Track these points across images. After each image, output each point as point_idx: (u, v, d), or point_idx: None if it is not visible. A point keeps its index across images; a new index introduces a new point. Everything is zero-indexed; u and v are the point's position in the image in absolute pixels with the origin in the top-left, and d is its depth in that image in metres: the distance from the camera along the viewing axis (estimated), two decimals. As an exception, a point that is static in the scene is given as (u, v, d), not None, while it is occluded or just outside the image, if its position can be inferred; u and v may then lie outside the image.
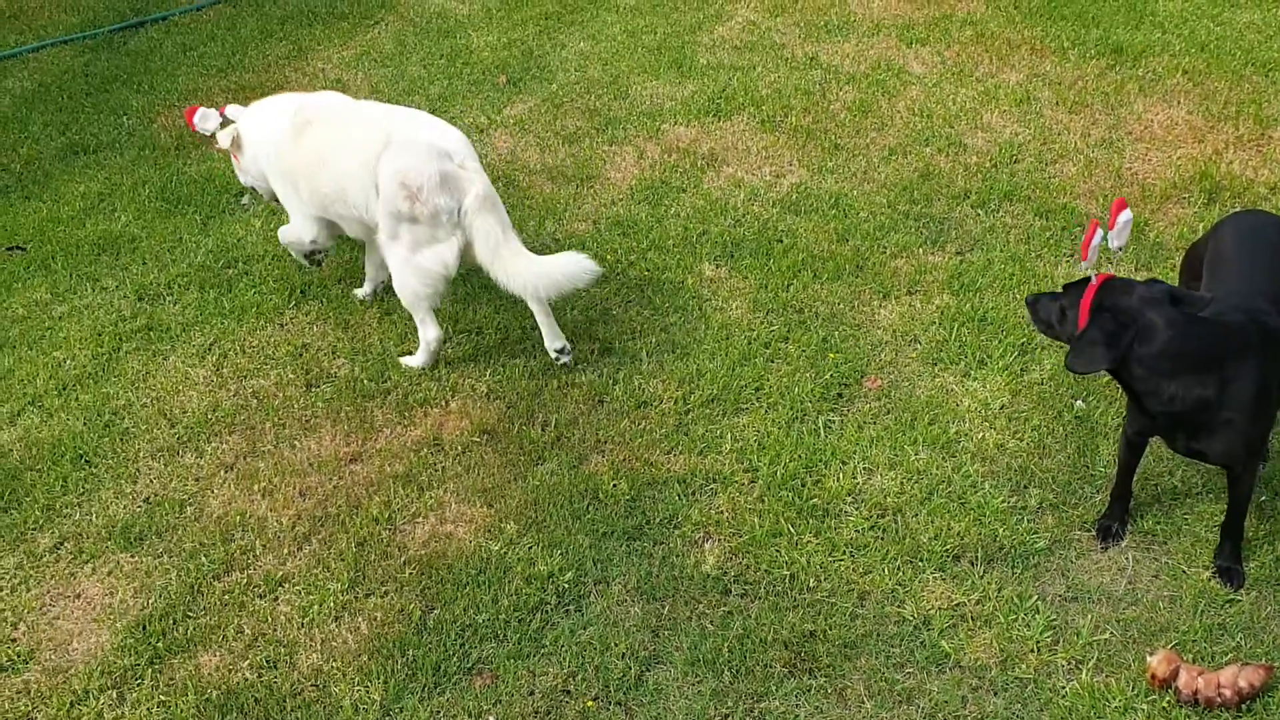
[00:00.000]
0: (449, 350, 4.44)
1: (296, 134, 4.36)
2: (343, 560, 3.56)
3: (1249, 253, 3.36)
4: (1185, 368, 3.02)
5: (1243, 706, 2.91)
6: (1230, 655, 3.06)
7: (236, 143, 4.62)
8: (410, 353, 4.39)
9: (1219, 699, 2.91)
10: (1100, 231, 3.24)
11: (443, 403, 4.19)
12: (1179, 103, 5.85)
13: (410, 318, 4.36)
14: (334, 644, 3.30)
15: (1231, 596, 3.24)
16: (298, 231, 4.60)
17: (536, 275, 4.08)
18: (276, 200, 4.71)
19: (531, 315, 4.35)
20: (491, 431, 4.03)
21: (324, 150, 4.28)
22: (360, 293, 4.78)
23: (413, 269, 4.17)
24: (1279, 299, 3.19)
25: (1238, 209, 4.90)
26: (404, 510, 3.74)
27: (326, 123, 4.35)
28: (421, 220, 4.06)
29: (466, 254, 4.18)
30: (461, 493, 3.79)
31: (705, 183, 5.50)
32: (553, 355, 4.31)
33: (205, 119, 4.69)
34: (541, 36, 7.22)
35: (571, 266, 4.08)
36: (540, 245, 5.08)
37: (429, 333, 4.29)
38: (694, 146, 5.79)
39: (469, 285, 4.80)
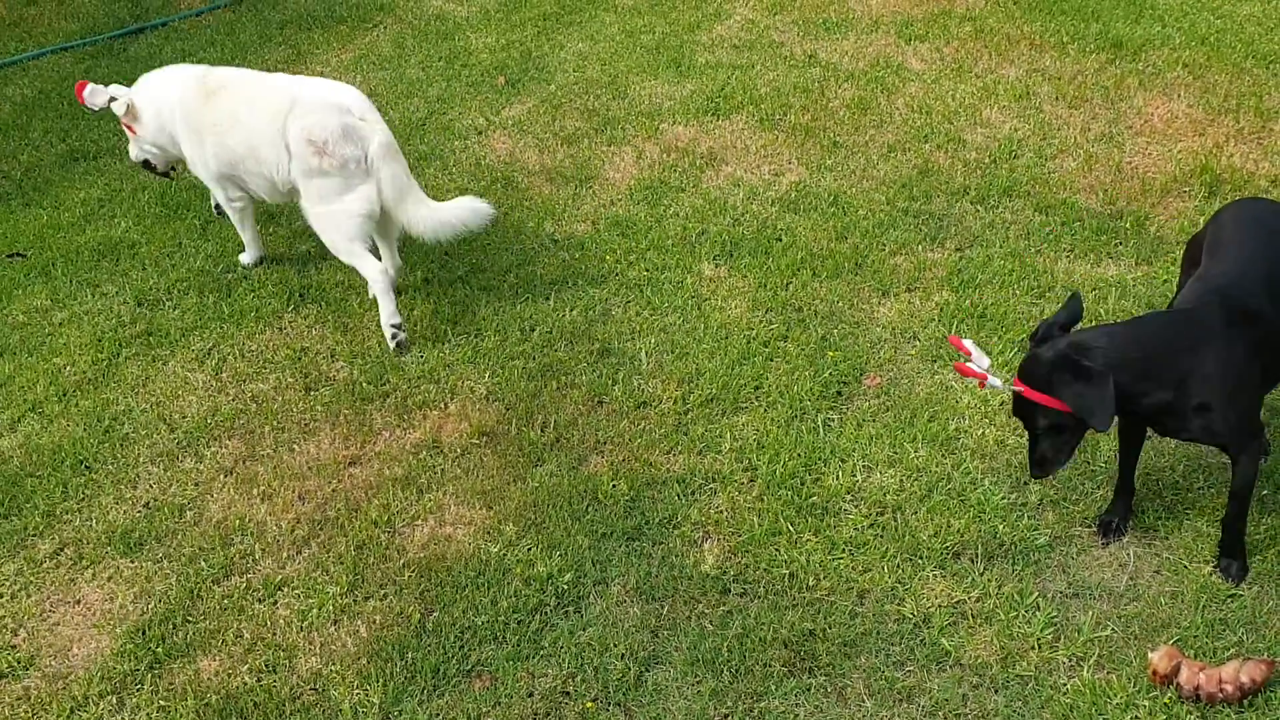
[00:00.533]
0: (447, 352, 4.44)
1: (207, 97, 4.59)
2: (342, 564, 3.56)
3: (1247, 237, 3.34)
4: (1142, 369, 3.02)
5: (1245, 702, 2.89)
6: (1232, 650, 3.04)
7: (132, 112, 4.80)
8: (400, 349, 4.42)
9: (1221, 694, 2.89)
10: (971, 363, 3.22)
11: (441, 405, 4.18)
12: (1179, 96, 5.83)
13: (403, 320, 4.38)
14: (333, 647, 3.30)
15: (1233, 591, 3.22)
16: (215, 192, 4.92)
17: (437, 222, 4.41)
18: (173, 169, 5.10)
19: (530, 316, 4.34)
20: (490, 433, 4.03)
21: (237, 110, 4.52)
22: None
23: (337, 216, 4.39)
24: (1273, 284, 3.18)
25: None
26: (403, 513, 3.74)
27: (238, 87, 4.60)
28: (333, 172, 4.30)
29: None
30: (461, 495, 3.78)
31: (704, 182, 5.49)
32: (388, 333, 4.48)
33: (94, 94, 4.81)
34: (540, 37, 7.23)
35: (465, 211, 4.43)
36: (540, 246, 5.08)
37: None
38: (693, 146, 5.78)
39: (468, 287, 4.80)
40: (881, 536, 3.52)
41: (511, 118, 6.26)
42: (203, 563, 3.60)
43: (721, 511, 3.66)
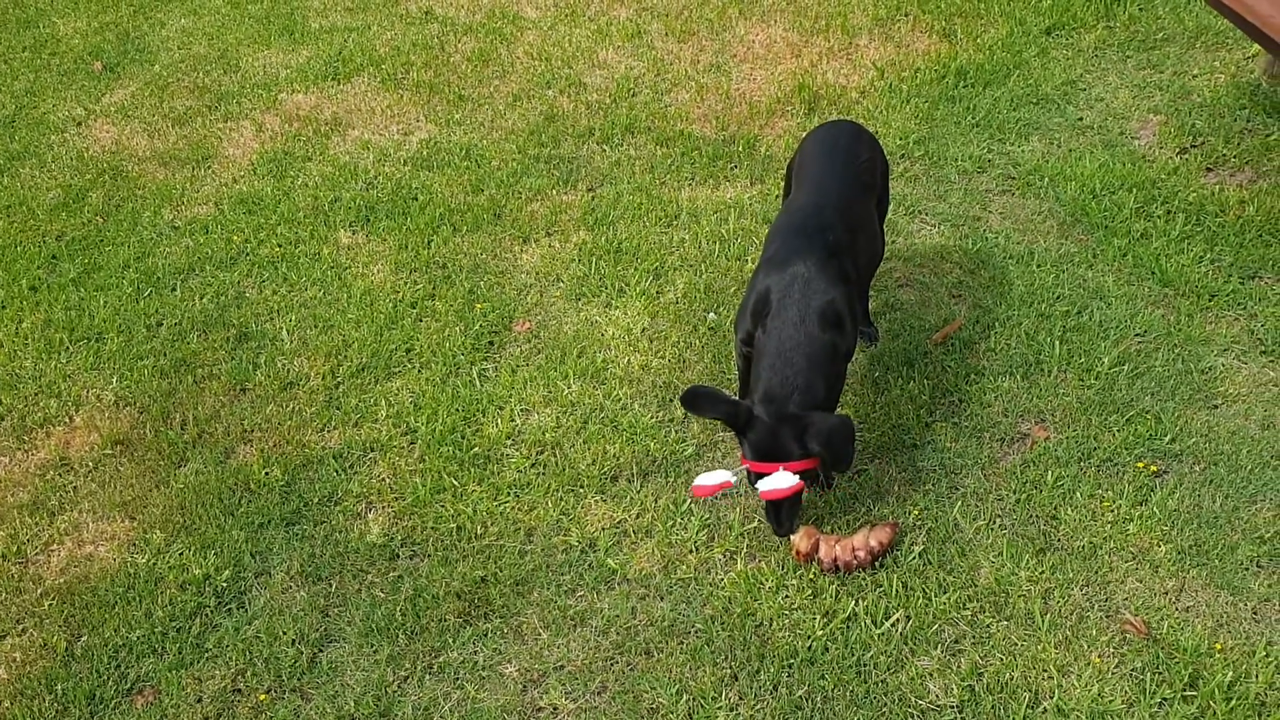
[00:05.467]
0: (66, 361, 4.10)
1: None
2: (-31, 607, 3.24)
3: (823, 160, 3.62)
4: (805, 376, 3.14)
5: (876, 564, 3.19)
6: (861, 519, 3.33)
7: None
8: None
9: (855, 561, 3.17)
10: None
11: (66, 419, 3.87)
12: (775, 22, 6.22)
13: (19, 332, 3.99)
14: (-31, 699, 3.00)
15: (860, 467, 3.53)
16: None
17: None
18: None
19: (156, 310, 4.06)
20: (125, 441, 3.77)
21: None
22: None
23: None
24: (844, 201, 3.47)
25: (833, 116, 5.29)
26: (35, 540, 3.44)
27: None
28: None
29: None
30: (98, 510, 3.53)
31: (331, 149, 5.34)
32: None
33: None
34: (137, 16, 6.74)
35: None
36: (159, 235, 4.78)
37: None
38: (315, 113, 5.60)
39: (82, 289, 4.45)
40: (544, 474, 3.59)
41: (114, 104, 5.81)
42: None
43: (383, 479, 3.61)
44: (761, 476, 3.08)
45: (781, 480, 3.06)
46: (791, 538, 3.23)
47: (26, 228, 4.94)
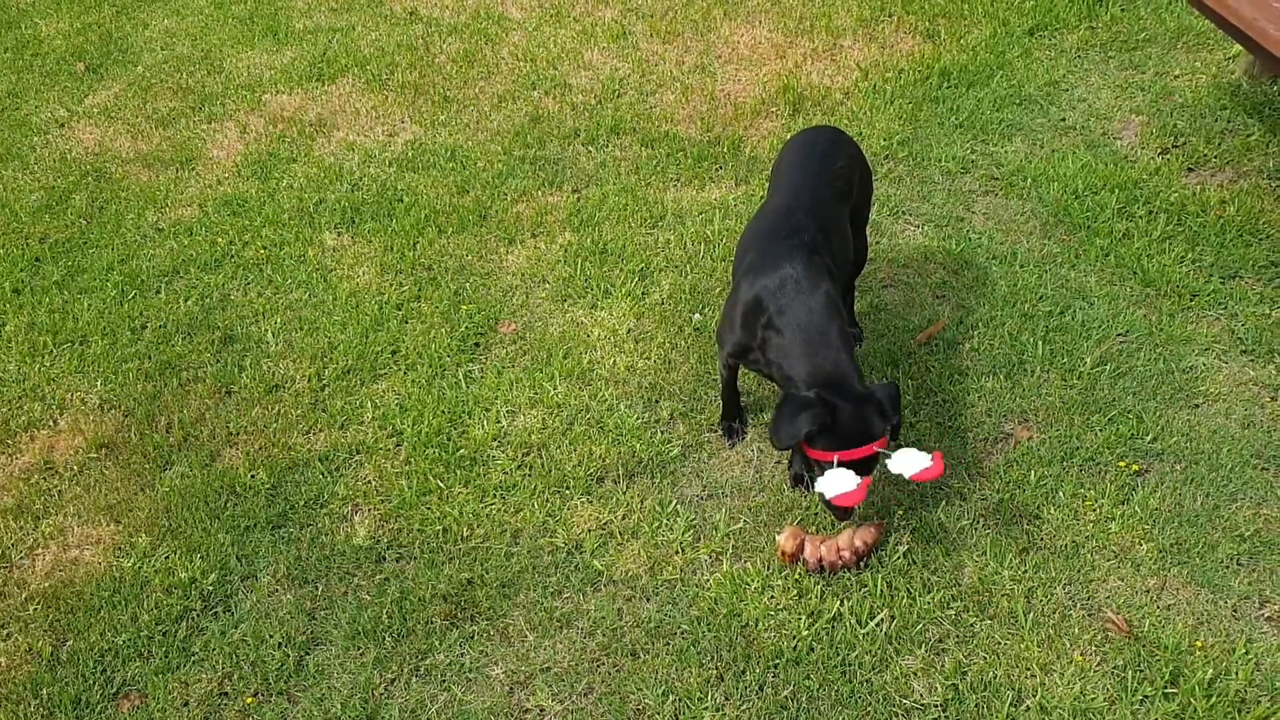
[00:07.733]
0: (50, 365, 4.08)
1: None
2: (-47, 613, 3.23)
3: (799, 165, 3.62)
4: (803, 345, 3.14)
5: (861, 564, 3.21)
6: (846, 520, 3.35)
7: None
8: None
9: (841, 561, 3.19)
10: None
11: (50, 423, 3.86)
12: (760, 23, 6.23)
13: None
14: (-47, 704, 3.00)
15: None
16: None
17: None
18: None
19: (140, 313, 4.05)
20: (110, 444, 3.76)
21: None
22: None
23: None
24: (816, 204, 3.46)
25: (818, 117, 5.30)
26: (19, 545, 3.43)
27: None
28: None
29: None
30: (84, 514, 3.52)
31: (316, 150, 5.33)
32: None
33: None
34: (120, 17, 6.71)
35: None
36: (143, 237, 4.77)
37: None
38: (300, 114, 5.59)
39: (65, 292, 4.44)
40: (530, 475, 3.60)
41: (97, 105, 5.79)
42: None
43: (369, 482, 3.61)
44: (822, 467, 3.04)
45: (848, 480, 2.99)
46: (778, 538, 3.24)
47: (9, 230, 4.92)
